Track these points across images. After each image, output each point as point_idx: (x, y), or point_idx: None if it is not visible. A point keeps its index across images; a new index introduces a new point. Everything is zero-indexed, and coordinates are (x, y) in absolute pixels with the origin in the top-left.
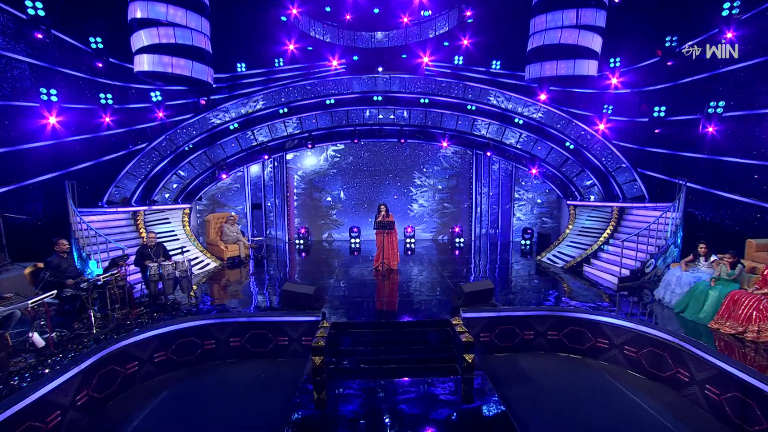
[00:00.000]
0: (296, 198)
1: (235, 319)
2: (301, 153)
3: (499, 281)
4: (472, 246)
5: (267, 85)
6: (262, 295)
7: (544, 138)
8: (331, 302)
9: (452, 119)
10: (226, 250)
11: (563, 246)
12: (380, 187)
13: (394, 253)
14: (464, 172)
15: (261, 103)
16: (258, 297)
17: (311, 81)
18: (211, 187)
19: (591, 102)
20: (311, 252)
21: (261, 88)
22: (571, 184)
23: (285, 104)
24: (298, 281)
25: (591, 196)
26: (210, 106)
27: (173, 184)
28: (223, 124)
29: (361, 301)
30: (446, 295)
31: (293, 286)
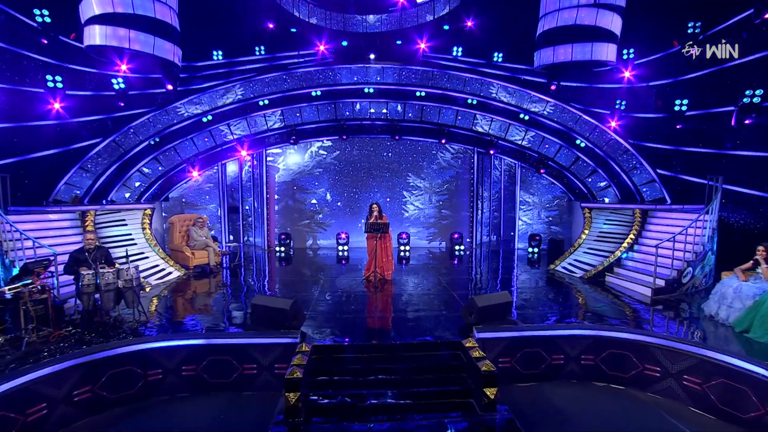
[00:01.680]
0: (277, 200)
1: (189, 341)
2: (284, 150)
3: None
4: (474, 254)
5: (246, 75)
6: (232, 310)
7: (553, 135)
8: (314, 319)
9: (451, 114)
10: (193, 258)
11: (579, 253)
12: (371, 188)
13: (389, 260)
14: (464, 173)
15: (239, 93)
16: (226, 313)
17: (295, 70)
18: (180, 186)
19: (602, 97)
20: (293, 260)
21: (239, 78)
22: (583, 185)
23: (266, 95)
24: (274, 293)
25: (605, 198)
26: (179, 94)
27: (135, 182)
28: (195, 117)
29: (350, 318)
30: (452, 311)
31: (266, 299)
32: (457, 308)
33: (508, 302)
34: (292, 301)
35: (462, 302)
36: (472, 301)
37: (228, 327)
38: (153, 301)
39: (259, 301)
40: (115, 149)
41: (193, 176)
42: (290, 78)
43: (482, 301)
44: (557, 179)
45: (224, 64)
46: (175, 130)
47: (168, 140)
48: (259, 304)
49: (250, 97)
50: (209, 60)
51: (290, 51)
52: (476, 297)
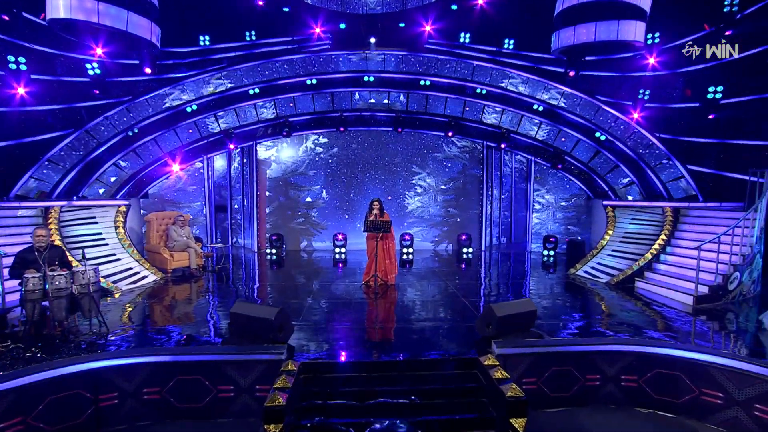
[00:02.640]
0: (269, 198)
1: (153, 358)
2: (276, 144)
3: None
4: (483, 257)
5: (235, 61)
6: (211, 320)
7: (570, 128)
8: (305, 331)
9: (458, 105)
10: (171, 260)
11: (603, 256)
12: (371, 186)
13: (391, 263)
14: (472, 169)
15: (227, 82)
16: (203, 323)
17: (289, 57)
18: (161, 182)
19: (624, 87)
20: (285, 264)
21: (228, 65)
22: (604, 182)
23: (256, 84)
24: (260, 300)
25: (629, 196)
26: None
27: (111, 176)
28: (178, 106)
29: (347, 330)
30: (465, 320)
31: (247, 306)
32: (469, 318)
33: (531, 311)
34: (277, 310)
35: (474, 311)
36: (490, 311)
37: (203, 340)
38: (119, 310)
39: (238, 309)
40: (89, 141)
41: (176, 171)
42: (283, 65)
43: (502, 310)
44: (575, 176)
45: (211, 50)
46: (156, 120)
47: (148, 131)
48: (239, 313)
49: (238, 86)
50: (195, 45)
51: (283, 36)
52: (495, 305)
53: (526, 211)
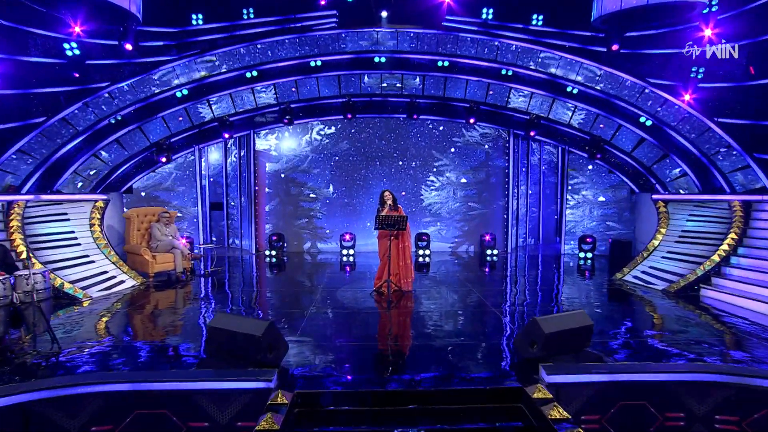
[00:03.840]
0: (268, 195)
1: (104, 387)
2: (276, 133)
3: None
4: (509, 260)
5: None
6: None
7: (609, 112)
8: (302, 349)
9: (481, 89)
10: (153, 262)
11: (656, 259)
12: (382, 180)
13: (406, 266)
14: (497, 159)
15: (221, 64)
16: (182, 339)
17: (290, 36)
18: (147, 175)
19: (672, 65)
20: (286, 267)
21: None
22: (650, 173)
23: (254, 66)
24: (247, 311)
25: (680, 190)
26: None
27: (90, 170)
28: (167, 91)
29: (354, 348)
30: (498, 336)
31: (229, 320)
32: (502, 333)
33: (587, 326)
34: (266, 324)
35: (509, 324)
36: (535, 325)
37: (176, 362)
38: (83, 322)
39: (218, 323)
40: (66, 129)
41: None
42: (284, 45)
43: (550, 325)
44: (615, 167)
45: (205, 30)
46: (141, 107)
47: (133, 119)
48: (219, 328)
49: (234, 68)
50: (187, 25)
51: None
52: (541, 319)
53: (557, 208)
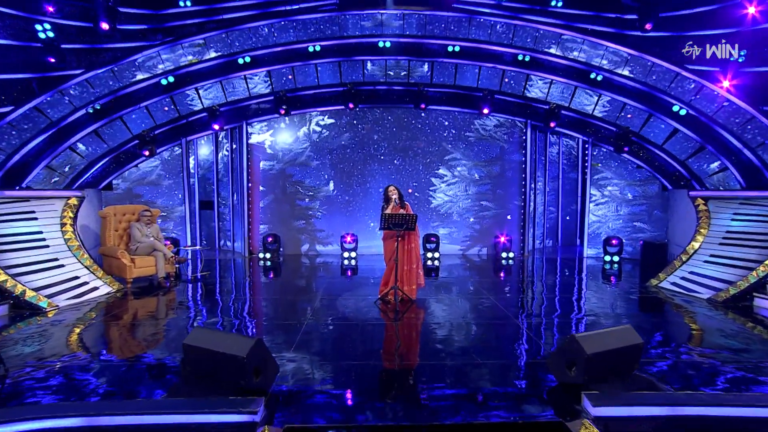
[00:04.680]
0: (263, 193)
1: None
2: (271, 125)
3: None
4: (526, 264)
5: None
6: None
7: (637, 101)
8: (296, 368)
9: (496, 76)
10: (132, 266)
11: (696, 263)
12: (387, 175)
13: (415, 271)
14: (512, 154)
15: (212, 49)
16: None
17: (286, 19)
18: (129, 171)
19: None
20: (282, 271)
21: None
22: (684, 168)
23: (247, 51)
24: (230, 323)
25: (719, 186)
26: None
27: (65, 165)
28: (152, 79)
29: (356, 368)
30: (525, 354)
31: (208, 337)
32: (531, 349)
33: (635, 345)
34: (253, 342)
35: (535, 339)
36: (574, 344)
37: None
38: (43, 336)
39: (196, 340)
40: (39, 119)
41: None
42: (279, 29)
43: (593, 344)
44: (645, 161)
45: (194, 13)
46: (123, 95)
47: (113, 109)
48: (197, 347)
49: (226, 54)
50: (175, 7)
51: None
52: (582, 337)
53: (578, 207)
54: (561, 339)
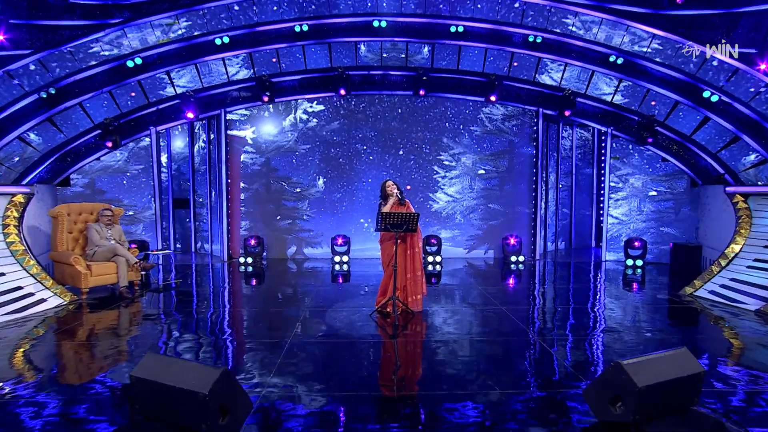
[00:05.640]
0: (244, 190)
1: None
2: (254, 113)
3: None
4: (537, 269)
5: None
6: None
7: (662, 86)
8: (274, 402)
9: (502, 59)
10: (88, 274)
11: (738, 269)
12: (382, 170)
13: (419, 279)
14: (522, 146)
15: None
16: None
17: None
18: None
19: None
20: (265, 278)
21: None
22: (716, 160)
23: (226, 31)
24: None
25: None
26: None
27: (14, 157)
28: (116, 60)
29: (349, 400)
30: (552, 382)
31: (163, 365)
32: (554, 374)
33: (695, 374)
34: (218, 373)
35: (562, 361)
36: (620, 374)
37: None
38: None
39: (147, 371)
40: None
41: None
42: (263, 5)
43: (644, 374)
44: (671, 153)
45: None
46: (83, 79)
47: (71, 94)
48: (148, 380)
49: (200, 33)
50: None
51: None
52: (629, 364)
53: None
54: (592, 360)
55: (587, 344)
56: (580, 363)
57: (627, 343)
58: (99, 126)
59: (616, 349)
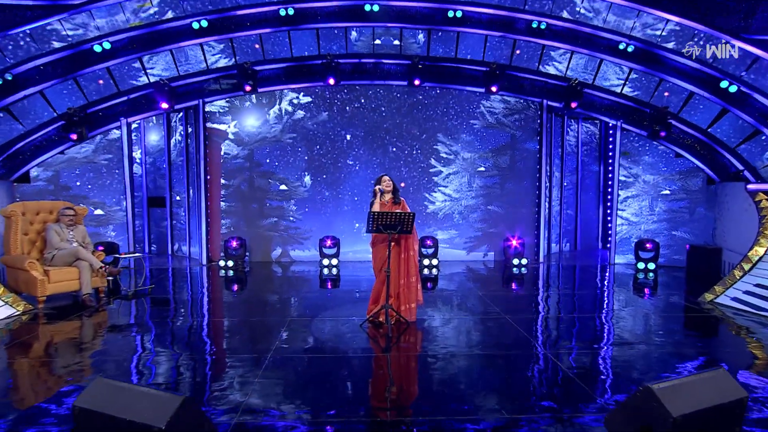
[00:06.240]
0: (224, 187)
1: None
2: (235, 105)
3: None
4: (541, 272)
5: None
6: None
7: (676, 76)
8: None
9: (504, 47)
10: (45, 281)
11: (763, 273)
12: (375, 167)
13: (413, 285)
14: (525, 141)
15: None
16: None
17: None
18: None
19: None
20: (248, 283)
21: None
22: (735, 156)
23: (204, 14)
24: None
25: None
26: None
27: None
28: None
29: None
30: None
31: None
32: (569, 395)
33: (737, 400)
34: (176, 404)
35: (578, 381)
36: (651, 401)
37: None
38: None
39: (93, 401)
40: None
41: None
42: None
43: (680, 401)
44: (686, 148)
45: None
46: (45, 64)
47: (31, 81)
48: (94, 412)
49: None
50: None
51: None
52: (660, 390)
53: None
54: (609, 378)
55: (602, 359)
56: (595, 381)
57: (648, 357)
58: (62, 116)
59: (637, 366)
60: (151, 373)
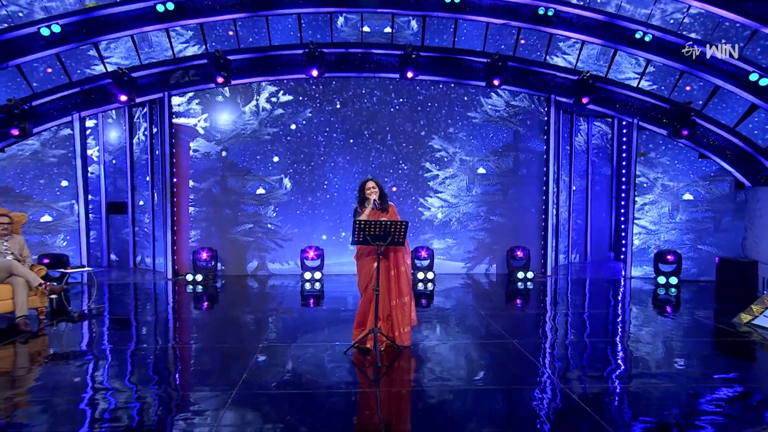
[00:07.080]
0: (194, 190)
1: None
2: (205, 98)
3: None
4: (549, 287)
5: None
6: None
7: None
8: None
9: (507, 36)
10: None
11: None
12: (363, 169)
13: (407, 305)
14: (530, 141)
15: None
16: None
17: None
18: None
19: None
20: (219, 300)
21: None
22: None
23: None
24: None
25: None
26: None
27: None
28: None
29: None
30: None
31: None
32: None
33: None
34: None
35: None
36: None
37: None
38: None
39: None
40: None
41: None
42: None
43: None
44: (711, 149)
45: None
46: None
47: None
48: None
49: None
50: None
51: None
52: None
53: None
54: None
55: (631, 395)
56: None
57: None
58: (3, 109)
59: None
60: (84, 417)
